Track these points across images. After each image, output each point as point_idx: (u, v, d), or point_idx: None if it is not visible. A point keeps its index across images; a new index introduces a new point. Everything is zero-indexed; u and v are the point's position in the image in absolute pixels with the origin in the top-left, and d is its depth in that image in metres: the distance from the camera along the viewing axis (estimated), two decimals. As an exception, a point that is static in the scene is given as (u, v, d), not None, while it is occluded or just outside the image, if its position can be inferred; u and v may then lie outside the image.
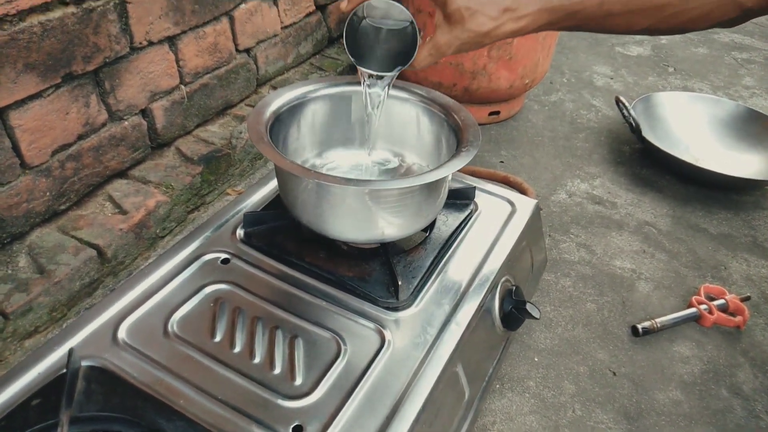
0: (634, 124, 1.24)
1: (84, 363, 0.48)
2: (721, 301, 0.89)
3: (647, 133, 1.22)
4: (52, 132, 0.80)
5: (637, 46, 1.84)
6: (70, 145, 0.84)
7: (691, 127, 1.33)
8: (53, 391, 0.47)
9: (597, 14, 0.50)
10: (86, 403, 0.48)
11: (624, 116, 1.27)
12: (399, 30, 0.55)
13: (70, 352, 0.48)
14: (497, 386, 0.76)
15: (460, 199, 0.71)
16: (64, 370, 0.47)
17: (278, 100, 0.63)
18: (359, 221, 0.57)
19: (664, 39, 1.91)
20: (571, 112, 1.46)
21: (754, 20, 0.52)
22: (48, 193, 0.82)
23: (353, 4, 0.50)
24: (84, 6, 0.79)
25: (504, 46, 1.18)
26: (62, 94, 0.80)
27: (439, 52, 0.51)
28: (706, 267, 1.00)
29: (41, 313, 0.74)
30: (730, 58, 1.83)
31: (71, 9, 0.77)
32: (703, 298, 0.90)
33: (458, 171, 0.55)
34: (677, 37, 1.93)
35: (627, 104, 1.26)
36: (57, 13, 0.75)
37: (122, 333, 0.52)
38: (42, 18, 0.74)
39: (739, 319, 0.87)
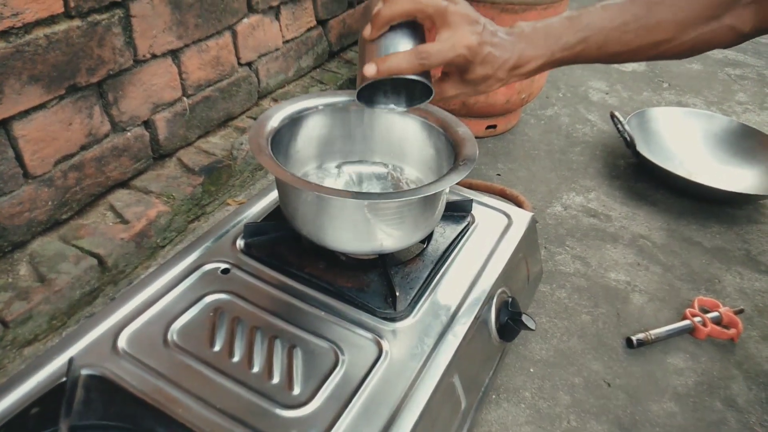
0: (628, 138, 1.25)
1: (83, 372, 0.49)
2: (714, 314, 0.90)
3: (642, 148, 1.24)
4: (55, 142, 0.81)
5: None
6: (72, 155, 0.85)
7: (685, 141, 1.34)
8: (52, 399, 0.47)
9: (595, 55, 0.52)
10: (85, 411, 0.48)
11: (619, 131, 1.29)
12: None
13: (70, 360, 0.49)
14: (493, 397, 0.76)
15: (458, 211, 0.72)
16: (64, 379, 0.48)
17: (279, 113, 0.64)
18: (358, 233, 0.58)
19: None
20: (567, 127, 1.47)
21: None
22: (50, 203, 0.83)
23: (381, 75, 0.47)
24: (89, 19, 0.80)
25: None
26: (66, 106, 0.81)
27: (441, 97, 0.53)
28: (700, 280, 1.01)
29: (41, 321, 0.75)
30: (723, 74, 1.85)
31: (76, 22, 0.78)
32: (697, 311, 0.90)
33: (456, 184, 0.56)
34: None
35: (622, 119, 1.28)
36: (62, 26, 0.77)
37: (122, 342, 0.52)
38: (47, 31, 0.75)
39: (732, 331, 0.88)
